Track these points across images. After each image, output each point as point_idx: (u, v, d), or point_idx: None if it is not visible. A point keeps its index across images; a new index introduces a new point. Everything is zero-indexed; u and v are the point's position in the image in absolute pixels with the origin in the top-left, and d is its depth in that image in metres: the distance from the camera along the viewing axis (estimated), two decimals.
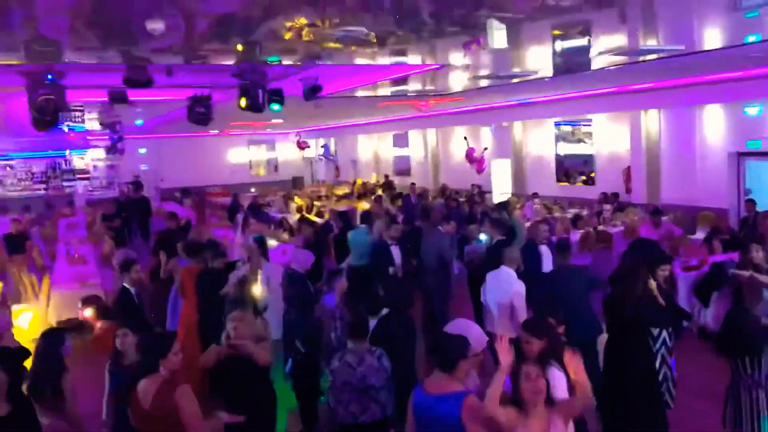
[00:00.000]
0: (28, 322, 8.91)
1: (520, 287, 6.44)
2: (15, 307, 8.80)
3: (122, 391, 4.57)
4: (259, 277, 8.19)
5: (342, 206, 18.09)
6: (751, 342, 4.79)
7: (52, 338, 5.05)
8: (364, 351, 5.00)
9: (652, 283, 5.73)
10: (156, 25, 7.70)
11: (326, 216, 16.17)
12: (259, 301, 7.06)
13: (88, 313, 5.94)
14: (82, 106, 14.64)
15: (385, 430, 5.03)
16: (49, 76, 8.33)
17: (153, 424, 4.03)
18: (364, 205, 18.11)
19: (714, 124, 13.70)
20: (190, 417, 3.98)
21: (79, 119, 15.22)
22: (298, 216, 15.45)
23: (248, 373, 4.82)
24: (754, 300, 5.18)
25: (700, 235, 11.43)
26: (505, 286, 6.43)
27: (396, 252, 8.92)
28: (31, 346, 5.00)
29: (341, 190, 24.37)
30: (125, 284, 7.00)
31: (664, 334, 5.87)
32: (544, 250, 8.16)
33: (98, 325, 5.91)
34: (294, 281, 7.21)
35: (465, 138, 18.93)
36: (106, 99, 11.38)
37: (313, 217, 15.53)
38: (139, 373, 4.19)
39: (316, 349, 6.18)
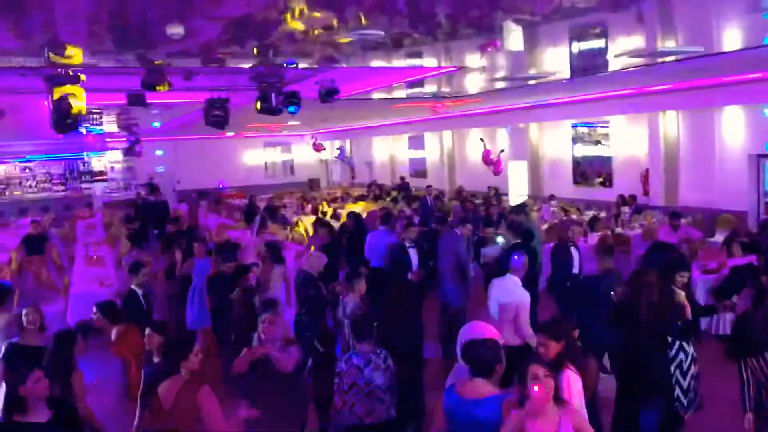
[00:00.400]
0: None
1: (525, 296, 6.32)
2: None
3: (144, 393, 4.63)
4: (271, 279, 8.25)
5: (358, 208, 18.12)
6: (761, 341, 4.74)
7: (63, 339, 5.16)
8: (370, 352, 5.03)
9: (681, 294, 5.64)
10: (176, 30, 7.77)
11: (343, 218, 16.20)
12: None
13: (102, 320, 6.11)
14: (99, 109, 14.75)
15: (389, 430, 5.04)
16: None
17: (173, 424, 4.05)
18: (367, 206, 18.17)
19: (733, 125, 13.55)
20: (212, 417, 4.01)
21: (97, 121, 15.35)
22: (313, 218, 15.50)
23: (277, 374, 4.82)
24: None
25: (719, 238, 11.33)
26: (510, 294, 6.29)
27: (413, 254, 8.90)
28: None
29: (357, 192, 24.38)
30: (133, 286, 7.26)
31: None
32: (574, 252, 8.13)
33: (113, 331, 6.04)
34: (307, 283, 7.25)
35: (481, 140, 18.85)
36: (124, 101, 11.47)
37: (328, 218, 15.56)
38: (159, 376, 4.22)
39: (334, 348, 6.21)
